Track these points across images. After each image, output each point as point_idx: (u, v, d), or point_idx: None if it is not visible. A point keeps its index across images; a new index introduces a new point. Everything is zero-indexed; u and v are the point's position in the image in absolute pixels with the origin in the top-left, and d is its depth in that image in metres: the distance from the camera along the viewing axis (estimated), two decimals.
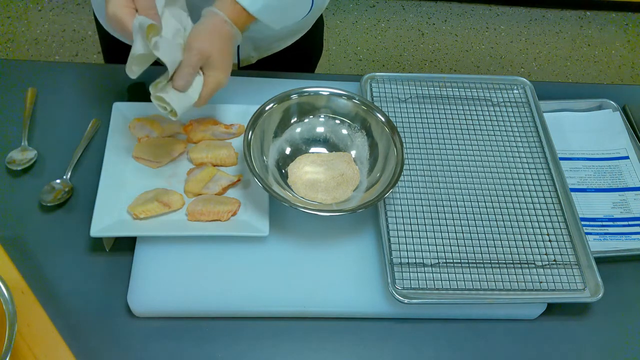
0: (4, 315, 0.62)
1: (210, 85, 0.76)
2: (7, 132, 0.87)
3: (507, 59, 2.37)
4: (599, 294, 0.75)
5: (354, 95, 0.85)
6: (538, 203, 0.84)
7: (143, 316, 0.73)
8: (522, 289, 0.75)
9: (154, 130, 0.84)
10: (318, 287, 0.76)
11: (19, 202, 0.81)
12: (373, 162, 0.84)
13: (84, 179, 0.83)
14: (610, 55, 2.44)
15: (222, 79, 0.77)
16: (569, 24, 2.53)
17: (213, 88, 0.76)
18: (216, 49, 0.74)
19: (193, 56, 0.73)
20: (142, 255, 0.76)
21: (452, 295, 0.74)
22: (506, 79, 0.98)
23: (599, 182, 0.91)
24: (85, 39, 2.24)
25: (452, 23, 2.48)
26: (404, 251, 0.77)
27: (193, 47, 0.73)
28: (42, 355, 0.68)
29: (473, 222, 0.81)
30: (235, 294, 0.74)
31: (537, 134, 0.91)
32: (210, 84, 0.76)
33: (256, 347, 0.72)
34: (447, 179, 0.85)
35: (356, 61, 2.31)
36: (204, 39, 0.74)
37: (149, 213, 0.76)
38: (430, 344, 0.75)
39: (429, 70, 2.29)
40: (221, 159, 0.83)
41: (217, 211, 0.77)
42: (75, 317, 0.72)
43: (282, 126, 0.85)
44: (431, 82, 0.96)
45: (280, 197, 0.74)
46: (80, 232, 0.78)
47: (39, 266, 0.76)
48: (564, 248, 0.80)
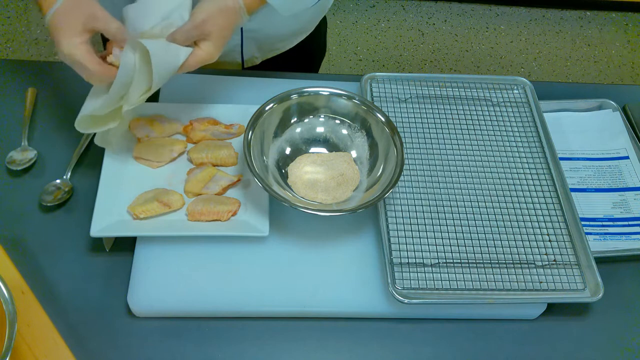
0: (4, 315, 0.62)
1: (200, 56, 0.74)
2: (7, 132, 0.87)
3: (507, 59, 2.37)
4: (599, 294, 0.75)
5: (354, 95, 0.85)
6: (538, 203, 0.84)
7: (143, 316, 0.73)
8: (522, 289, 0.75)
9: (154, 130, 0.84)
10: (318, 287, 0.76)
11: (19, 202, 0.81)
12: (373, 162, 0.84)
13: (84, 179, 0.83)
14: (610, 55, 2.44)
15: (214, 55, 0.75)
16: (569, 24, 2.53)
17: (201, 60, 0.74)
18: (218, 27, 0.73)
19: (194, 29, 0.72)
20: (142, 255, 0.76)
21: (452, 295, 0.74)
22: (506, 79, 0.98)
23: (599, 182, 0.91)
24: None
25: (452, 23, 2.48)
26: (404, 251, 0.77)
27: (197, 20, 0.72)
28: (42, 355, 0.68)
29: (473, 222, 0.81)
30: (235, 294, 0.74)
31: (537, 134, 0.91)
32: (200, 56, 0.74)
33: (256, 347, 0.72)
34: (447, 179, 0.85)
35: (356, 61, 2.31)
36: (210, 15, 0.72)
37: (149, 213, 0.76)
38: (430, 344, 0.75)
39: (429, 70, 2.29)
40: (221, 159, 0.83)
41: (217, 211, 0.77)
42: (75, 317, 0.72)
43: (282, 126, 0.85)
44: (431, 82, 0.96)
45: (280, 197, 0.74)
46: (80, 232, 0.78)
47: (39, 266, 0.76)
48: (564, 248, 0.80)
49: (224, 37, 0.75)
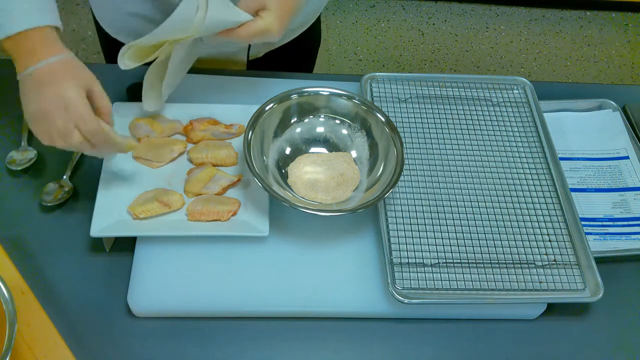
0: (4, 315, 0.62)
1: (258, 26, 0.71)
2: (7, 132, 0.87)
3: (507, 59, 2.37)
4: (599, 294, 0.75)
5: (354, 95, 0.85)
6: (538, 203, 0.84)
7: (143, 316, 0.73)
8: (522, 289, 0.75)
9: (154, 130, 0.84)
10: (318, 287, 0.76)
11: (19, 202, 0.81)
12: (373, 162, 0.84)
13: (84, 179, 0.83)
14: (610, 55, 2.44)
15: (274, 27, 0.71)
16: (569, 24, 2.53)
17: (258, 30, 0.71)
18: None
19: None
20: (142, 255, 0.76)
21: (452, 295, 0.74)
22: (506, 79, 0.98)
23: (599, 182, 0.91)
24: (85, 39, 2.24)
25: (452, 23, 2.48)
26: (404, 251, 0.77)
27: None
28: (42, 355, 0.68)
29: (473, 222, 0.81)
30: (235, 294, 0.74)
31: (537, 134, 0.91)
32: (257, 25, 0.71)
33: (256, 347, 0.72)
34: (447, 179, 0.85)
35: (356, 61, 2.31)
36: None
37: (149, 213, 0.76)
38: (430, 344, 0.75)
39: (429, 70, 2.29)
40: (221, 159, 0.83)
41: (217, 211, 0.77)
42: (75, 317, 0.72)
43: (282, 126, 0.85)
44: (431, 82, 0.96)
45: (280, 197, 0.74)
46: (80, 232, 0.78)
47: (39, 266, 0.76)
48: (564, 248, 0.80)
49: (286, 9, 0.73)
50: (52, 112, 0.64)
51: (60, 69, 0.66)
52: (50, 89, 0.64)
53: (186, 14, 0.69)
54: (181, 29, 0.71)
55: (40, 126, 0.66)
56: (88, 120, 0.65)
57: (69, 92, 0.64)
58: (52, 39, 0.66)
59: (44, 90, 0.64)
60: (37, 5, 0.65)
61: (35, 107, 0.65)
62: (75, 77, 0.66)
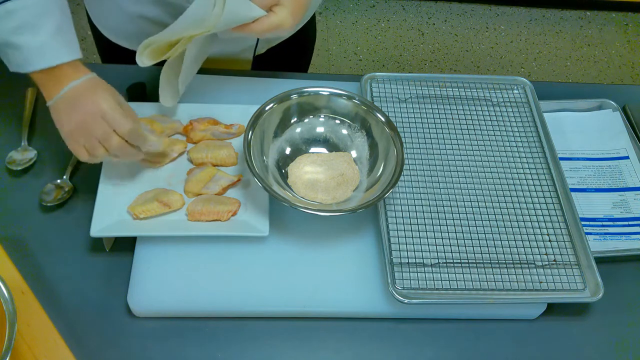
0: (4, 315, 0.62)
1: (272, 21, 0.72)
2: (7, 132, 0.87)
3: (507, 59, 2.37)
4: (599, 294, 0.75)
5: (354, 95, 0.85)
6: (538, 203, 0.84)
7: (143, 316, 0.73)
8: (522, 289, 0.75)
9: (154, 130, 0.84)
10: (318, 287, 0.76)
11: (19, 202, 0.81)
12: (373, 162, 0.84)
13: (84, 179, 0.83)
14: (610, 55, 2.44)
15: (287, 22, 0.73)
16: (569, 24, 2.53)
17: (272, 25, 0.73)
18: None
19: None
20: (142, 255, 0.76)
21: (452, 295, 0.74)
22: (506, 79, 0.98)
23: (599, 182, 0.91)
24: (84, 39, 2.22)
25: (452, 23, 2.48)
26: (404, 251, 0.77)
27: None
28: (42, 355, 0.68)
29: (473, 222, 0.81)
30: (235, 294, 0.74)
31: (537, 134, 0.91)
32: (271, 20, 0.72)
33: (256, 347, 0.72)
34: (447, 179, 0.85)
35: (356, 61, 2.31)
36: None
37: (149, 213, 0.76)
38: (430, 344, 0.75)
39: (429, 70, 2.29)
40: (221, 159, 0.83)
41: (217, 211, 0.77)
42: (75, 317, 0.72)
43: (282, 126, 0.85)
44: (431, 82, 0.96)
45: (280, 197, 0.74)
46: (80, 232, 0.78)
47: (39, 266, 0.76)
48: (564, 248, 0.80)
49: (299, 4, 0.74)
50: (90, 123, 0.70)
51: (90, 86, 0.71)
52: (85, 103, 0.70)
53: (203, 9, 0.71)
54: (198, 24, 0.73)
55: (80, 139, 0.71)
56: (124, 122, 0.71)
57: (103, 104, 0.70)
58: (78, 65, 0.72)
59: (79, 105, 0.70)
60: (64, 42, 0.71)
61: (74, 121, 0.70)
62: (105, 90, 0.72)
